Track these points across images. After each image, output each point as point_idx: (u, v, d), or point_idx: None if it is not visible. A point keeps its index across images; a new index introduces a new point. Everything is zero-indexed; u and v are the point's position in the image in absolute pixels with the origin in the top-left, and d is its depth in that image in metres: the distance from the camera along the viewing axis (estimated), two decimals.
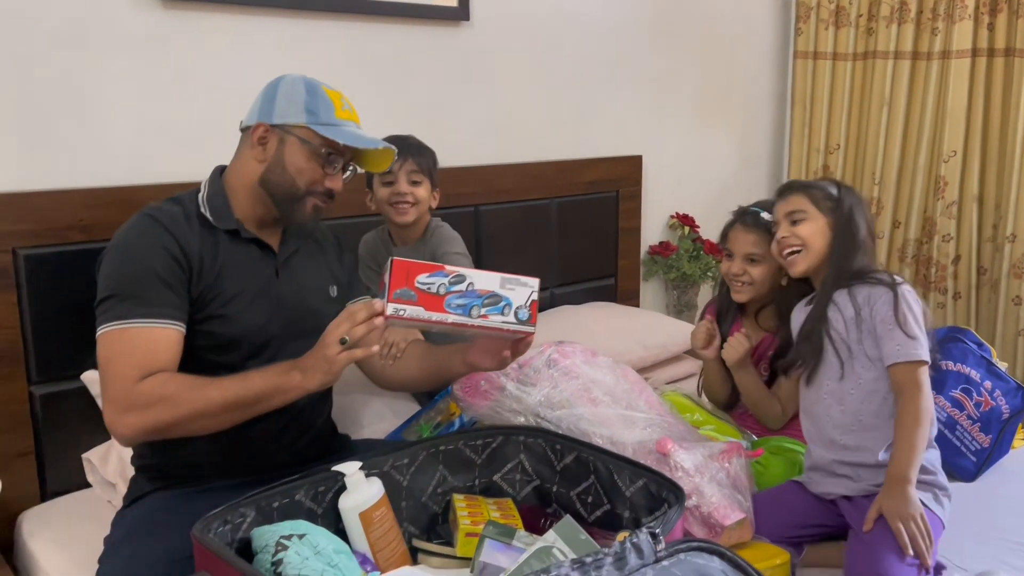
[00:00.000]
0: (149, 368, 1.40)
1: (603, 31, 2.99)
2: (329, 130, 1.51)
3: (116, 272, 1.44)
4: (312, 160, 1.54)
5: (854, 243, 1.71)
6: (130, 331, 1.40)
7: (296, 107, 1.52)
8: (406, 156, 1.98)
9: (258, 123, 1.53)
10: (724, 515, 1.37)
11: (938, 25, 3.20)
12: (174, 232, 1.47)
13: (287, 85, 1.54)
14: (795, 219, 1.75)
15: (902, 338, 1.56)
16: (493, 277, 1.34)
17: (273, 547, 1.08)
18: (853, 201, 1.77)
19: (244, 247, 1.55)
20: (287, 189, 1.54)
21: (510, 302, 1.35)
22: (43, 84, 1.88)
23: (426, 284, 1.30)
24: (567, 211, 2.90)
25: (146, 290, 1.42)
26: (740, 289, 1.97)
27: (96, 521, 1.71)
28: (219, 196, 1.56)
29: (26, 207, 1.82)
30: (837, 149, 3.55)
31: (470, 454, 1.43)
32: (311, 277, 1.66)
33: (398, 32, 2.46)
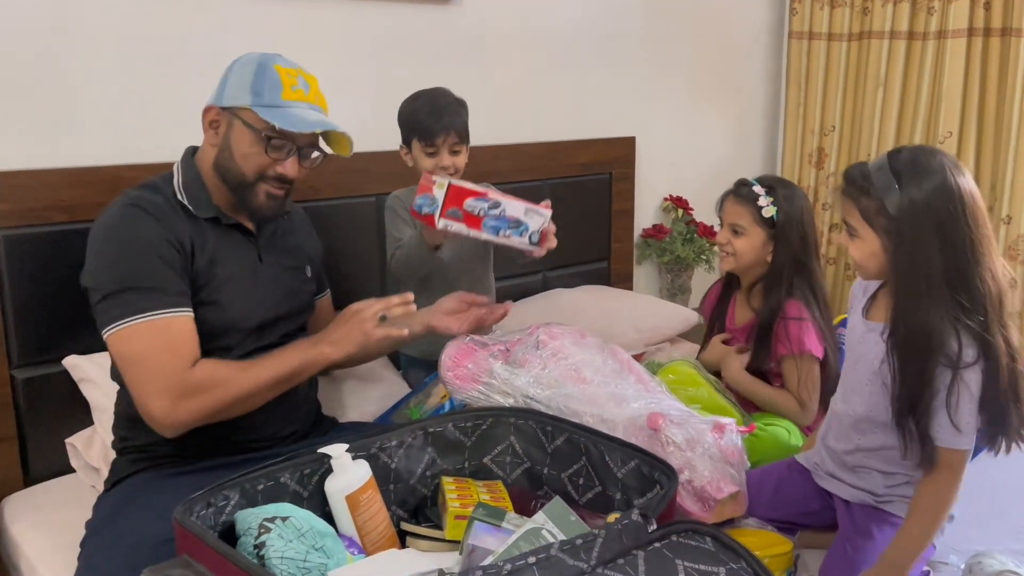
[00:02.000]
0: (192, 355, 1.41)
1: (596, 11, 2.95)
2: (270, 112, 1.44)
3: (122, 265, 1.40)
4: (256, 145, 1.47)
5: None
6: (160, 322, 1.38)
7: (243, 88, 1.47)
8: (449, 130, 1.95)
9: (209, 106, 1.49)
10: (717, 489, 1.35)
11: (934, 5, 3.17)
12: (164, 221, 1.44)
13: (240, 64, 1.50)
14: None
15: (947, 424, 1.36)
16: (519, 206, 1.70)
17: (256, 530, 1.06)
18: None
19: (227, 233, 1.53)
20: (236, 175, 1.50)
21: (528, 227, 1.72)
22: (24, 62, 1.84)
23: (471, 207, 1.66)
24: (559, 193, 2.86)
25: (162, 280, 1.41)
26: (724, 259, 2.01)
27: (80, 506, 1.68)
28: (196, 182, 1.53)
29: (6, 187, 1.79)
30: (832, 130, 3.52)
31: (460, 436, 1.41)
32: (289, 258, 1.65)
33: (387, 11, 2.42)
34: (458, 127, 1.98)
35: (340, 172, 2.26)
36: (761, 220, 1.93)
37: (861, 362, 1.51)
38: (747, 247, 1.96)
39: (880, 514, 1.51)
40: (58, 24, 1.88)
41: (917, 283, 1.34)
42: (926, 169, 1.33)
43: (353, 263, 2.33)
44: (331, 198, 2.24)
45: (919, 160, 1.35)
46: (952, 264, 1.32)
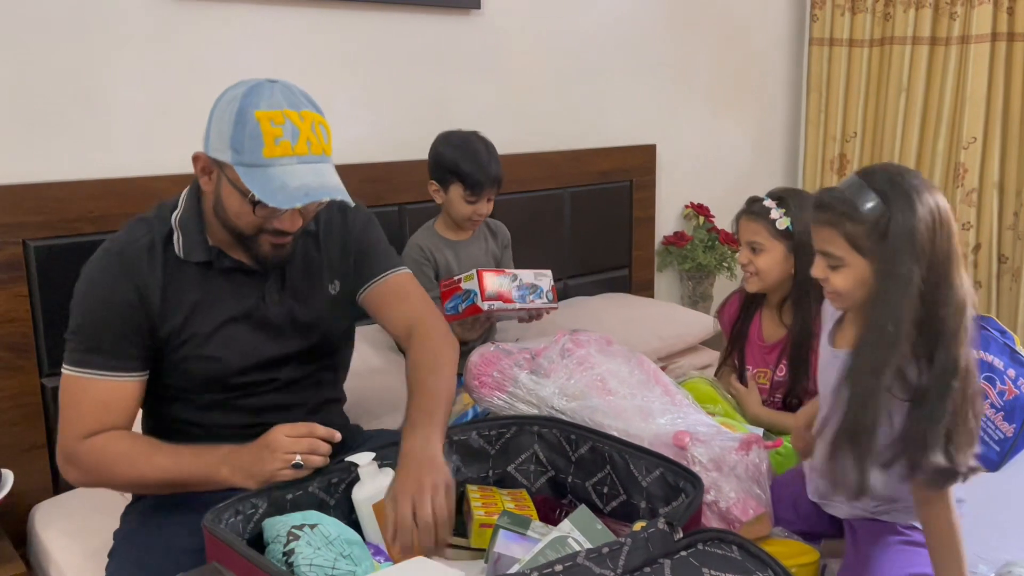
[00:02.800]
0: (99, 424, 1.36)
1: (616, 18, 2.96)
2: (251, 174, 1.27)
3: (78, 314, 1.38)
4: (242, 204, 1.33)
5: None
6: (84, 381, 1.36)
7: (223, 141, 1.30)
8: (495, 183, 2.08)
9: (198, 153, 1.35)
10: (743, 510, 1.34)
11: (957, 10, 3.15)
12: (134, 274, 1.36)
13: (220, 109, 1.32)
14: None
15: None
16: (528, 273, 2.00)
17: (285, 537, 1.07)
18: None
19: (222, 277, 1.42)
20: (234, 228, 1.37)
21: (542, 289, 2.01)
22: (53, 75, 1.87)
23: (501, 281, 1.92)
24: (580, 201, 2.87)
25: (104, 342, 1.35)
26: (749, 280, 1.95)
27: (108, 514, 1.70)
28: (193, 219, 1.41)
29: (36, 199, 1.82)
30: (854, 137, 3.51)
31: (484, 444, 1.41)
32: (306, 286, 1.51)
33: (409, 21, 2.44)
34: (501, 179, 2.09)
35: (363, 182, 2.27)
36: (778, 234, 1.88)
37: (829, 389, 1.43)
38: (769, 263, 1.90)
39: (879, 524, 1.49)
40: (87, 39, 1.91)
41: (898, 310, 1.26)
42: (908, 187, 1.28)
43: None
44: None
45: (898, 179, 1.30)
46: (930, 283, 1.26)
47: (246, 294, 1.44)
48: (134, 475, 1.36)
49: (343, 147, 1.70)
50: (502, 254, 2.32)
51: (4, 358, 1.80)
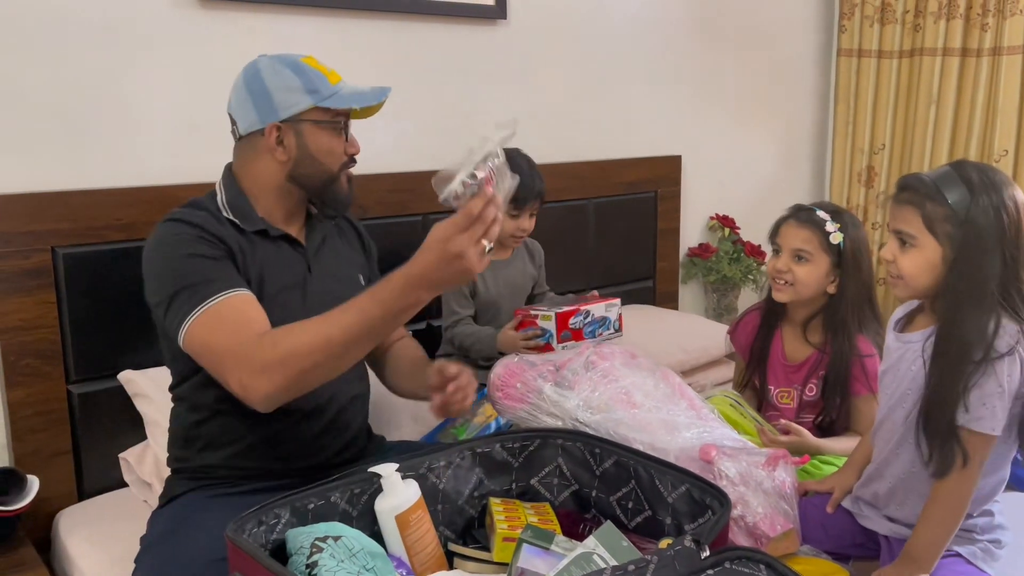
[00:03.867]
0: (253, 328, 1.36)
1: (642, 29, 2.95)
2: (337, 100, 1.49)
3: (169, 273, 1.41)
4: (335, 136, 1.52)
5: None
6: (215, 307, 1.36)
7: (297, 93, 1.48)
8: (539, 197, 2.10)
9: (268, 127, 1.48)
10: (770, 526, 1.32)
11: (988, 21, 3.11)
12: (208, 228, 1.45)
13: (272, 75, 1.48)
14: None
15: (972, 405, 1.34)
16: (599, 307, 2.02)
17: (308, 549, 1.06)
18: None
19: (275, 245, 1.53)
20: (322, 175, 1.52)
21: (609, 320, 2.05)
22: (83, 84, 1.89)
23: (574, 321, 1.94)
24: (605, 212, 2.86)
25: (208, 271, 1.40)
26: (781, 288, 1.88)
27: (132, 520, 1.71)
28: (239, 197, 1.53)
29: (65, 206, 1.83)
30: (882, 149, 3.47)
31: (507, 457, 1.40)
32: (342, 267, 1.63)
33: (435, 31, 2.44)
34: (543, 193, 2.11)
35: (388, 191, 2.28)
36: (828, 247, 1.83)
37: (897, 379, 1.48)
38: (811, 275, 1.84)
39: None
40: (115, 48, 1.93)
41: (976, 292, 1.32)
42: (994, 179, 1.35)
43: None
44: (378, 217, 2.26)
45: (986, 171, 1.36)
46: (1008, 274, 1.32)
47: (295, 263, 1.54)
48: (322, 345, 1.30)
49: (368, 157, 1.70)
50: (539, 273, 2.32)
51: (31, 364, 1.82)
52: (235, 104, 1.53)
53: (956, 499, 1.37)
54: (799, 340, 1.94)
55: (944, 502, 1.38)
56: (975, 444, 1.35)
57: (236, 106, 1.52)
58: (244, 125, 1.51)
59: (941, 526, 1.38)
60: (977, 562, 1.44)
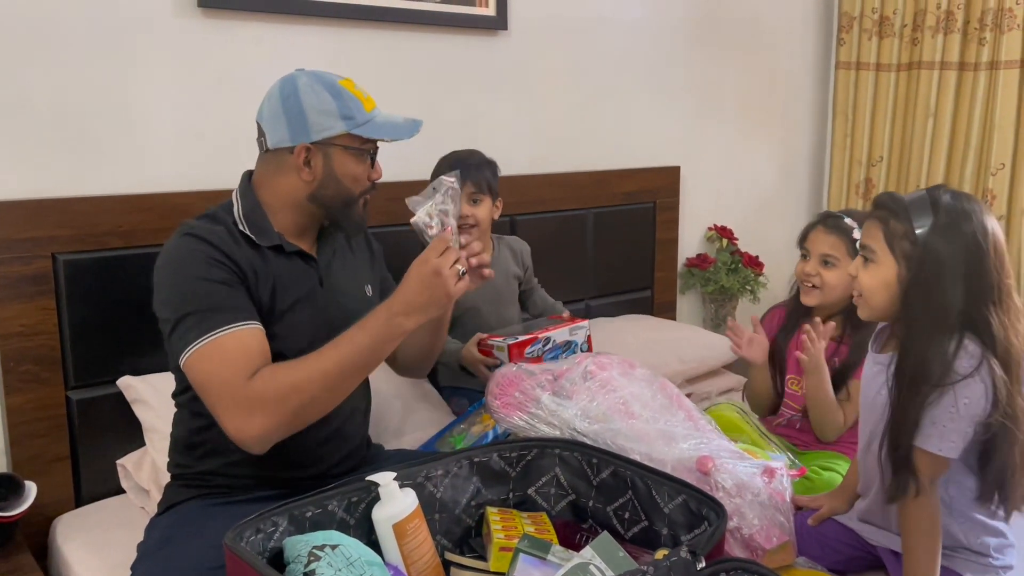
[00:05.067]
0: (249, 367, 1.37)
1: (642, 40, 2.97)
2: (369, 128, 1.50)
3: (180, 293, 1.41)
4: (361, 162, 1.53)
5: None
6: (219, 340, 1.37)
7: (331, 117, 1.48)
8: (464, 179, 2.02)
9: (299, 146, 1.48)
10: (766, 538, 1.33)
11: (985, 35, 3.13)
12: (223, 248, 1.44)
13: (309, 95, 1.48)
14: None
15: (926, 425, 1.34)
16: (563, 331, 1.92)
17: (306, 557, 1.06)
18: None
19: (287, 260, 1.53)
20: (343, 198, 1.53)
21: (576, 343, 1.94)
22: (85, 91, 1.90)
23: (530, 351, 1.84)
24: (603, 222, 2.87)
25: (218, 299, 1.40)
26: (809, 292, 1.96)
27: (129, 527, 1.71)
28: (256, 210, 1.52)
29: (66, 213, 1.84)
30: (880, 161, 3.48)
31: (504, 466, 1.41)
32: (348, 280, 1.64)
33: (436, 41, 2.46)
34: (475, 178, 2.07)
35: (387, 200, 2.28)
36: (854, 252, 1.87)
37: (870, 397, 1.49)
38: (839, 279, 1.90)
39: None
40: (118, 56, 1.94)
41: (933, 320, 1.32)
42: (965, 207, 1.34)
43: None
44: (377, 226, 2.26)
45: (960, 198, 1.36)
46: (974, 306, 1.31)
47: (307, 278, 1.55)
48: (318, 379, 1.37)
49: None
50: (525, 272, 2.32)
51: (31, 371, 1.82)
52: (267, 116, 1.51)
53: (923, 523, 1.37)
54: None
55: (913, 530, 1.38)
56: (924, 463, 1.36)
57: (268, 118, 1.51)
58: (273, 140, 1.50)
59: (923, 553, 1.38)
60: None
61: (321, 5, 2.19)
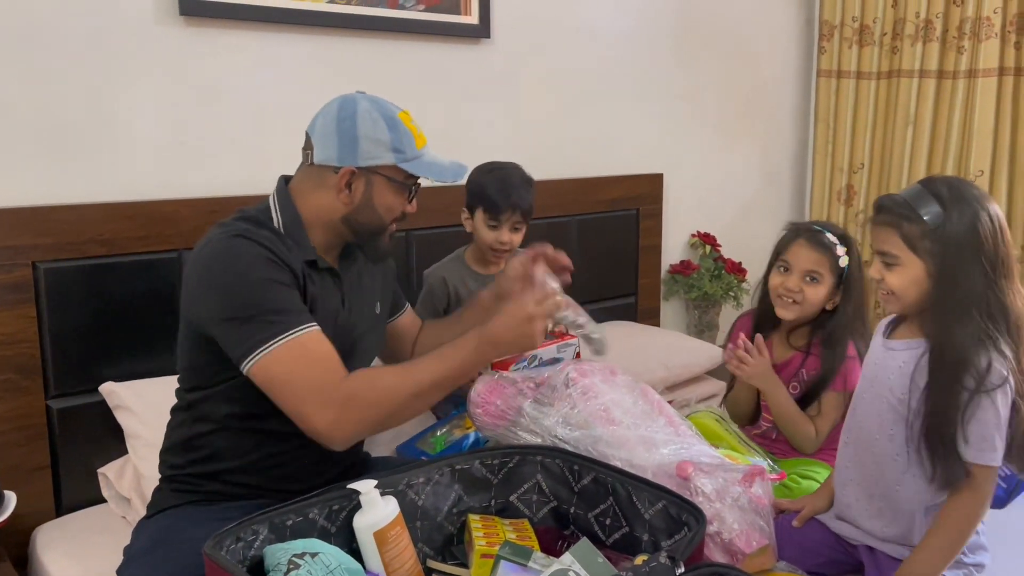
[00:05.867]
0: (339, 366, 1.40)
1: (625, 49, 2.99)
2: (417, 165, 1.51)
3: (242, 293, 1.39)
4: (400, 196, 1.55)
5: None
6: (300, 339, 1.38)
7: (382, 147, 1.49)
8: (515, 209, 2.03)
9: (344, 168, 1.48)
10: (746, 542, 1.33)
11: (964, 44, 3.17)
12: (278, 253, 1.44)
13: (366, 122, 1.48)
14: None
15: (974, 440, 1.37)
16: (551, 348, 1.84)
17: (285, 565, 1.06)
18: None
19: (320, 276, 1.53)
20: (375, 226, 1.55)
21: (563, 360, 1.86)
22: (66, 99, 1.90)
23: (515, 368, 1.75)
24: (587, 229, 2.88)
25: (285, 302, 1.41)
26: (788, 306, 1.92)
27: (110, 536, 1.70)
28: (296, 223, 1.51)
29: (47, 221, 1.83)
30: (861, 168, 3.52)
31: (486, 474, 1.41)
32: (364, 299, 1.65)
33: (420, 49, 2.46)
34: (523, 207, 2.06)
35: None
36: (835, 268, 1.89)
37: (876, 385, 1.51)
38: (819, 297, 1.89)
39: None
40: (101, 63, 1.93)
41: (959, 302, 1.36)
42: (966, 194, 1.38)
43: None
44: None
45: (956, 186, 1.40)
46: (990, 285, 1.35)
47: (334, 296, 1.56)
48: (410, 385, 1.43)
49: None
50: None
51: (11, 379, 1.81)
52: (319, 131, 1.51)
53: (963, 528, 1.40)
54: (784, 343, 2.00)
55: (950, 530, 1.40)
56: (982, 477, 1.38)
57: (319, 134, 1.50)
58: (321, 156, 1.50)
59: (943, 552, 1.39)
60: None
61: (303, 14, 2.19)
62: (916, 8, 3.27)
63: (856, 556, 1.59)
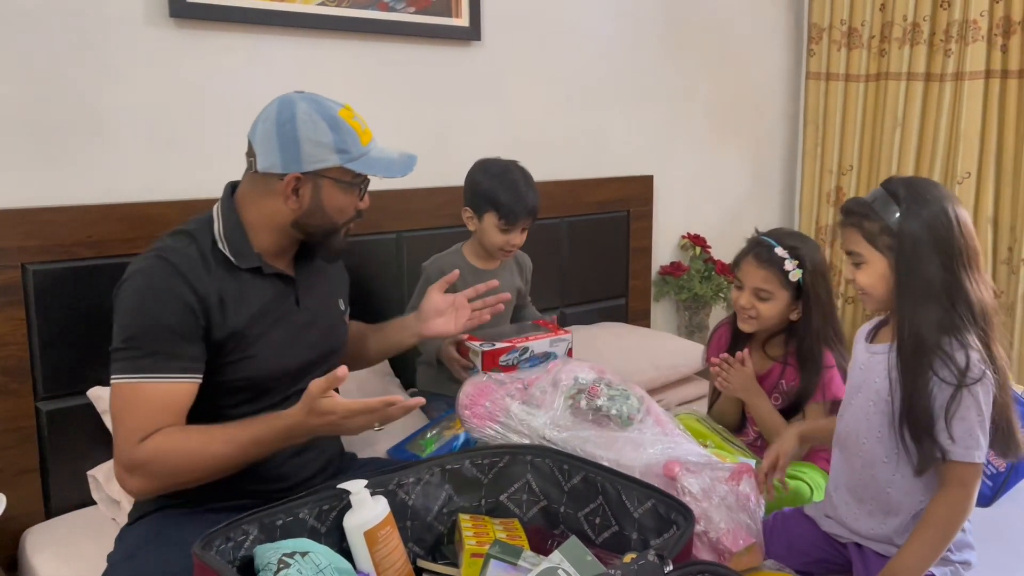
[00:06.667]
0: (154, 426, 1.39)
1: (615, 52, 3.00)
2: (363, 163, 1.49)
3: (131, 322, 1.40)
4: (350, 195, 1.53)
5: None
6: (142, 386, 1.39)
7: (325, 149, 1.46)
8: (531, 215, 2.07)
9: (289, 175, 1.46)
10: (733, 541, 1.34)
11: (951, 47, 3.19)
12: (191, 279, 1.42)
13: (307, 125, 1.45)
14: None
15: (959, 437, 1.38)
16: (544, 342, 1.87)
17: (275, 564, 1.07)
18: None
19: (264, 281, 1.52)
20: (327, 228, 1.54)
21: (555, 355, 1.87)
22: (55, 100, 1.89)
23: (505, 359, 1.80)
24: (578, 231, 2.89)
25: (161, 345, 1.39)
26: (747, 321, 1.95)
27: (100, 538, 1.70)
28: (237, 230, 1.50)
29: (35, 222, 1.83)
30: (850, 170, 3.54)
31: (477, 473, 1.41)
32: (324, 297, 1.65)
33: (410, 52, 2.47)
34: (536, 210, 2.08)
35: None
36: (786, 283, 1.88)
37: (863, 389, 1.52)
38: (773, 311, 1.91)
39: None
40: (87, 62, 1.93)
41: (918, 292, 1.40)
42: (921, 189, 1.43)
43: (373, 300, 2.35)
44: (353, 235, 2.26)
45: (913, 183, 1.45)
46: (950, 275, 1.39)
47: (284, 299, 1.55)
48: (206, 457, 1.40)
49: None
50: (525, 287, 2.33)
51: (0, 382, 1.81)
52: (259, 138, 1.48)
53: (949, 525, 1.41)
54: (760, 354, 2.01)
55: (936, 527, 1.41)
56: (968, 475, 1.39)
57: (260, 140, 1.48)
58: (264, 163, 1.48)
59: (930, 546, 1.41)
60: None
61: (293, 16, 2.20)
62: (904, 11, 3.29)
63: (844, 554, 1.60)
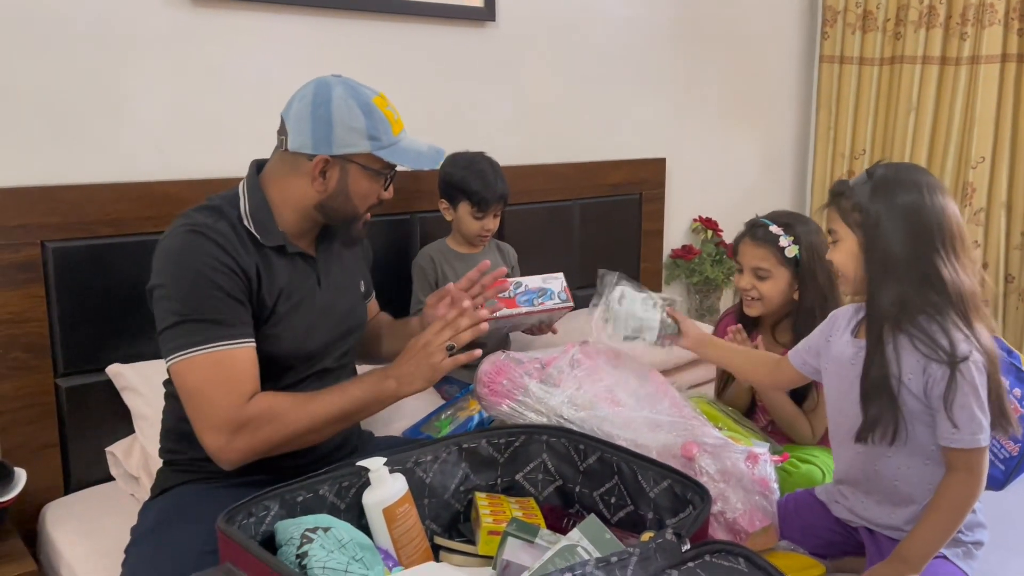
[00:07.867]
0: (248, 389, 1.41)
1: (628, 33, 2.99)
2: (393, 152, 1.50)
3: (183, 295, 1.40)
4: (375, 183, 1.54)
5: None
6: (217, 355, 1.39)
7: (357, 135, 1.47)
8: (501, 200, 2.21)
9: (318, 157, 1.47)
10: (749, 522, 1.36)
11: (967, 30, 3.17)
12: (230, 251, 1.43)
13: (341, 109, 1.46)
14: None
15: (960, 422, 1.37)
16: (535, 279, 1.91)
17: (298, 540, 1.08)
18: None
19: (289, 261, 1.53)
20: (348, 213, 1.54)
21: (552, 291, 1.93)
22: (74, 80, 1.90)
23: (502, 293, 1.81)
24: (590, 213, 2.89)
25: (221, 311, 1.40)
26: (751, 304, 1.95)
27: (119, 514, 1.72)
28: (263, 209, 1.50)
29: (55, 200, 1.84)
30: (863, 154, 3.52)
31: (493, 452, 1.43)
32: (345, 278, 1.66)
33: (424, 31, 2.47)
34: (505, 195, 2.22)
35: None
36: (784, 260, 1.88)
37: (856, 385, 1.48)
38: (774, 290, 1.90)
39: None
40: (106, 42, 1.93)
41: (879, 266, 1.40)
42: (902, 172, 1.43)
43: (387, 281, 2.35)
44: None
45: (896, 167, 1.45)
46: (918, 254, 1.38)
47: (307, 279, 1.56)
48: (306, 420, 1.43)
49: None
50: (511, 273, 2.35)
51: (20, 358, 1.82)
52: (293, 117, 1.49)
53: (959, 507, 1.41)
54: (769, 340, 2.00)
55: (947, 509, 1.41)
56: (976, 458, 1.39)
57: (293, 120, 1.49)
58: (295, 143, 1.49)
59: (940, 530, 1.41)
60: (959, 562, 1.48)
61: None
62: None
63: (856, 537, 1.61)
